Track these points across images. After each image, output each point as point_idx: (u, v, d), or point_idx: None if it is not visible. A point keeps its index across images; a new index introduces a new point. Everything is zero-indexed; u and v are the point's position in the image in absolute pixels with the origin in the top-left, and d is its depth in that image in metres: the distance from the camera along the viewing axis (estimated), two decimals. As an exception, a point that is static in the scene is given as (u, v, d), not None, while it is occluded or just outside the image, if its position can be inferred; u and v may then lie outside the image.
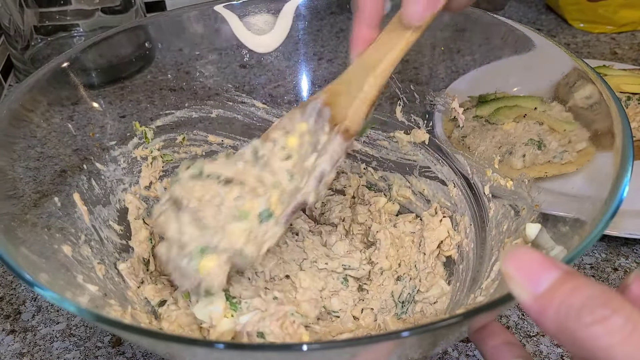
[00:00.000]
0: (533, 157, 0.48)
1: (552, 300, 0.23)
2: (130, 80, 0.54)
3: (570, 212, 0.38)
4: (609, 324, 0.22)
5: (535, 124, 0.49)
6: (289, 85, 0.60)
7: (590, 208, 0.36)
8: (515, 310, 0.50)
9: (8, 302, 0.54)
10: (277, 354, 0.30)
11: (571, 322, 0.22)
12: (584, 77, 0.42)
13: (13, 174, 0.43)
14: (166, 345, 0.32)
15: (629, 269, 0.53)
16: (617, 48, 0.88)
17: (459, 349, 0.47)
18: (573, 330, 0.22)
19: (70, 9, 0.77)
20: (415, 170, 0.57)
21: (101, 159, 0.51)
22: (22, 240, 0.39)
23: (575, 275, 0.24)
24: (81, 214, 0.47)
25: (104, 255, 0.47)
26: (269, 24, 0.57)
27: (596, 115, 0.41)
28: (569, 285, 0.23)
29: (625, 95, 0.66)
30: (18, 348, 0.49)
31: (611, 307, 0.22)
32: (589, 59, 0.75)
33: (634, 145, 0.37)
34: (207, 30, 0.56)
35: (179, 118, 0.56)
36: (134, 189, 0.52)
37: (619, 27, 0.91)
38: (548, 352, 0.47)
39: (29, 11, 0.76)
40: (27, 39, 0.78)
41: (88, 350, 0.49)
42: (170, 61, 0.56)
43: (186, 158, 0.57)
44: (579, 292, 0.23)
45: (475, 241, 0.49)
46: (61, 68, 0.48)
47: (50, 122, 0.48)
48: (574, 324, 0.22)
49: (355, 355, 0.30)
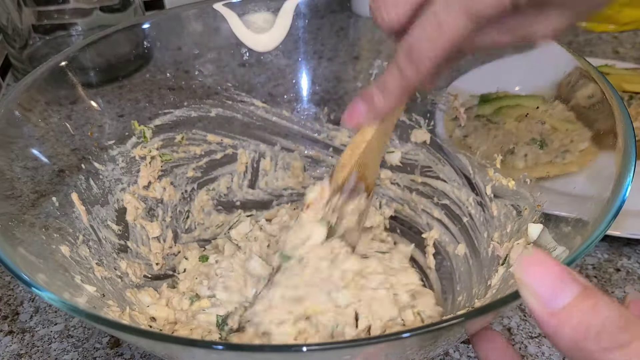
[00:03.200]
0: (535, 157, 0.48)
1: (570, 318, 0.23)
2: (129, 79, 0.54)
3: (573, 213, 0.38)
4: (629, 351, 0.21)
5: (537, 124, 0.49)
6: (288, 84, 0.59)
7: (593, 208, 0.35)
8: (517, 311, 0.50)
9: (6, 303, 0.53)
10: (277, 355, 0.30)
11: (589, 343, 0.22)
12: (586, 76, 0.42)
13: (11, 173, 0.43)
14: (164, 346, 0.32)
15: (631, 270, 0.53)
16: (620, 47, 0.87)
17: (460, 350, 0.47)
18: (590, 351, 0.22)
19: (69, 8, 0.77)
20: (417, 170, 0.56)
21: (99, 158, 0.50)
22: (19, 240, 0.38)
23: (594, 292, 0.23)
24: (79, 214, 0.46)
25: (102, 256, 0.46)
26: (269, 22, 0.56)
27: (598, 115, 0.41)
28: (589, 303, 0.23)
29: (628, 95, 0.65)
30: (16, 349, 0.49)
31: (631, 332, 0.21)
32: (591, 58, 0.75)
33: (637, 144, 0.36)
34: (206, 28, 0.56)
35: (178, 117, 0.56)
36: (132, 188, 0.52)
37: (622, 25, 0.91)
38: (550, 354, 0.46)
39: (27, 10, 0.76)
40: (25, 37, 0.78)
41: (86, 351, 0.49)
42: (169, 60, 0.56)
43: (185, 157, 0.56)
44: (598, 313, 0.22)
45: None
46: (59, 67, 0.48)
47: (48, 122, 0.47)
48: (592, 345, 0.22)
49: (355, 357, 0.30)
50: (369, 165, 0.43)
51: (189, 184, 0.57)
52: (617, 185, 0.34)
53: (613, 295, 0.51)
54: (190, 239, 0.57)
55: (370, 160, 0.43)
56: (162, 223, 0.54)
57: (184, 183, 0.57)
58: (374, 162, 0.45)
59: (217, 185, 0.59)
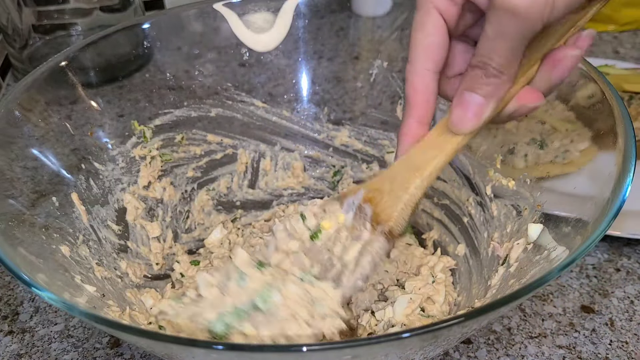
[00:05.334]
0: (535, 157, 0.48)
1: None
2: (129, 79, 0.54)
3: (573, 213, 0.38)
4: None
5: (537, 124, 0.49)
6: (288, 84, 0.59)
7: (593, 208, 0.35)
8: (517, 311, 0.50)
9: (6, 303, 0.53)
10: (277, 355, 0.30)
11: None
12: (586, 76, 0.42)
13: (11, 173, 0.43)
14: (165, 346, 0.32)
15: (631, 270, 0.53)
16: (620, 47, 0.87)
17: (460, 350, 0.47)
18: None
19: (69, 8, 0.77)
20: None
21: (99, 158, 0.50)
22: (20, 240, 0.38)
23: None
24: (79, 214, 0.46)
25: (102, 256, 0.46)
26: (269, 22, 0.56)
27: (598, 115, 0.41)
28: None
29: (628, 95, 0.65)
30: (16, 349, 0.49)
31: None
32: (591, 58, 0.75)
33: (637, 145, 0.36)
34: (207, 28, 0.56)
35: (178, 117, 0.56)
36: (132, 188, 0.52)
37: (622, 25, 0.91)
38: (550, 354, 0.46)
39: (27, 10, 0.76)
40: (25, 37, 0.78)
41: (86, 351, 0.49)
42: (169, 60, 0.56)
43: (185, 157, 0.56)
44: None
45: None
46: (59, 67, 0.48)
47: (48, 122, 0.47)
48: None
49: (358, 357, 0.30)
50: (386, 199, 0.38)
51: (189, 184, 0.57)
52: (617, 185, 0.34)
53: (613, 295, 0.51)
54: (190, 239, 0.57)
55: (391, 193, 0.38)
56: (162, 223, 0.54)
57: (184, 183, 0.57)
58: (396, 199, 0.38)
59: (217, 185, 0.59)
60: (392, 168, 0.39)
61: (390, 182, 0.38)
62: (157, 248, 0.53)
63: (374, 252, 0.39)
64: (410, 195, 0.37)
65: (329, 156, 0.61)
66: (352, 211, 0.39)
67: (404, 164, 0.38)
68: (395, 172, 0.38)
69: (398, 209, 0.38)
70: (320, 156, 0.61)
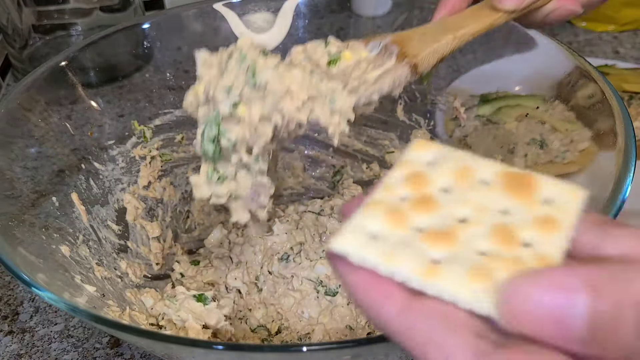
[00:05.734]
0: (535, 157, 0.48)
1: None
2: (129, 79, 0.54)
3: (573, 212, 0.38)
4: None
5: (537, 124, 0.49)
6: (288, 84, 0.59)
7: (593, 208, 0.35)
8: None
9: (6, 303, 0.53)
10: (277, 355, 0.30)
11: None
12: (586, 76, 0.42)
13: (11, 173, 0.43)
14: (165, 346, 0.32)
15: (631, 269, 0.53)
16: (620, 47, 0.87)
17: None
18: None
19: (69, 8, 0.77)
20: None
21: (99, 158, 0.50)
22: (19, 240, 0.38)
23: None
24: (79, 214, 0.46)
25: (102, 256, 0.46)
26: (269, 22, 0.56)
27: (598, 115, 0.41)
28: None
29: (628, 95, 0.65)
30: (16, 349, 0.49)
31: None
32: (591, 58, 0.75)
33: (637, 144, 0.36)
34: (206, 28, 0.56)
35: (178, 117, 0.56)
36: (132, 188, 0.52)
37: (622, 25, 0.91)
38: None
39: (27, 10, 0.76)
40: (25, 37, 0.78)
41: (86, 351, 0.49)
42: (169, 60, 0.56)
43: (185, 157, 0.56)
44: None
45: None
46: (59, 67, 0.48)
47: (48, 122, 0.47)
48: None
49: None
50: (414, 44, 0.37)
51: (189, 184, 0.57)
52: (617, 185, 0.34)
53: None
54: (190, 239, 0.57)
55: (421, 40, 0.38)
56: (162, 223, 0.54)
57: (184, 183, 0.57)
58: (425, 44, 0.37)
59: (217, 185, 0.59)
60: (424, 27, 0.39)
61: (421, 35, 0.38)
62: (157, 248, 0.53)
63: (395, 76, 0.37)
64: (439, 45, 0.37)
65: (329, 156, 0.61)
66: (377, 49, 0.37)
67: (438, 25, 0.39)
68: (427, 29, 0.39)
69: (426, 51, 0.37)
70: (320, 156, 0.61)
